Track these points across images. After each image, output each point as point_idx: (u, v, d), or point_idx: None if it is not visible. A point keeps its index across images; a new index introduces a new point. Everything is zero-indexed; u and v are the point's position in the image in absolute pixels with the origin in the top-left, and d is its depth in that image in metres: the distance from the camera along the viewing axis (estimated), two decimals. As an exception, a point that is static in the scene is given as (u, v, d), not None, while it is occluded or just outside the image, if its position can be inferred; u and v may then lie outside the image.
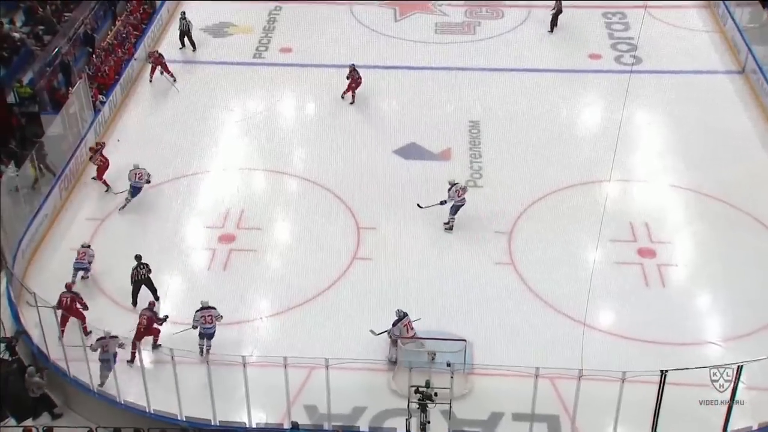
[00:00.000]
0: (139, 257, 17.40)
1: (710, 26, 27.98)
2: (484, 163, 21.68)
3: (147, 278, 17.29)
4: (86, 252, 18.03)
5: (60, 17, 25.85)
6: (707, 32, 27.68)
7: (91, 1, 26.30)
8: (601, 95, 24.80)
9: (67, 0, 26.67)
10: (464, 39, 27.64)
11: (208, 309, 16.22)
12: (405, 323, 16.12)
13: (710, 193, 20.47)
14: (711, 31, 27.73)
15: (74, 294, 16.79)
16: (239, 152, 22.66)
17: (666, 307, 17.47)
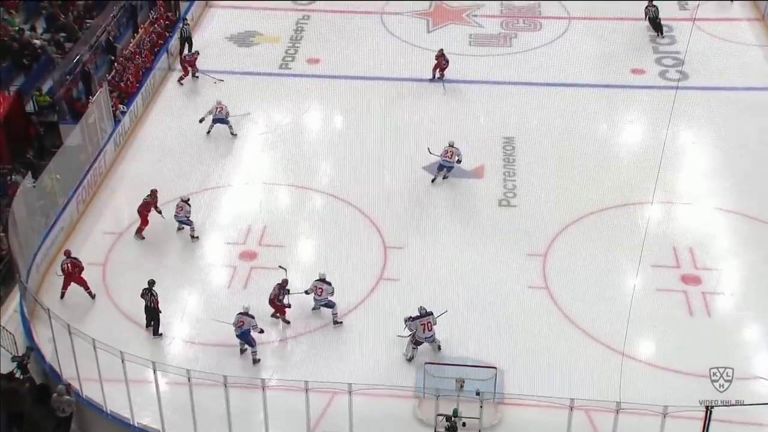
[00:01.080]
0: (150, 282, 17.41)
1: (763, 40, 27.79)
2: (518, 182, 21.65)
3: (151, 308, 17.30)
4: (183, 207, 19.61)
5: (82, 24, 26.31)
6: (760, 47, 27.48)
7: (114, 9, 26.72)
8: (643, 112, 24.69)
9: (89, 7, 27.12)
10: (500, 51, 27.71)
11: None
12: (424, 322, 16.27)
13: (759, 217, 20.25)
14: (764, 45, 27.52)
15: (74, 259, 17.99)
16: (263, 166, 22.85)
17: (711, 337, 17.26)
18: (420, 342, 16.50)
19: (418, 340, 16.49)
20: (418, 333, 16.39)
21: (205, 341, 17.34)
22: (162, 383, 15.16)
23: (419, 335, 16.42)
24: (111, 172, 22.29)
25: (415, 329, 16.40)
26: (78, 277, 18.09)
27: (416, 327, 16.39)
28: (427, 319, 16.42)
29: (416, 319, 16.44)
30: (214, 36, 28.68)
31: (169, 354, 16.94)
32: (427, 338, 16.48)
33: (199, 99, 25.52)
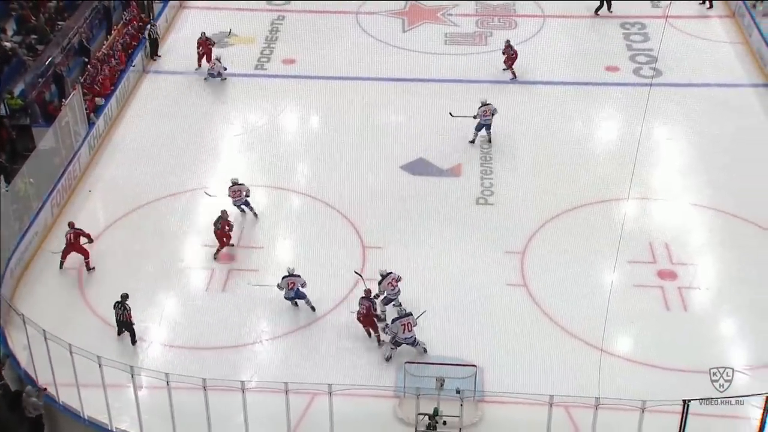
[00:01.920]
0: (123, 296, 17.01)
1: (734, 37, 28.08)
2: (495, 180, 21.74)
3: (125, 321, 16.98)
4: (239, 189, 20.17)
5: (53, 26, 26.08)
6: (731, 44, 27.77)
7: (86, 10, 26.51)
8: (618, 109, 24.88)
9: (61, 8, 26.89)
10: (476, 50, 27.80)
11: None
12: (404, 323, 16.30)
13: (733, 213, 20.46)
14: (735, 42, 27.82)
15: (78, 230, 18.70)
16: (239, 167, 22.73)
17: (688, 332, 17.43)
18: (400, 343, 16.52)
19: (398, 341, 16.51)
20: (398, 334, 16.41)
21: (183, 344, 17.27)
22: (140, 387, 15.06)
23: (399, 336, 16.44)
24: (86, 176, 22.12)
25: (396, 330, 16.41)
26: (80, 246, 18.76)
27: (397, 328, 16.41)
28: (407, 320, 16.44)
29: (396, 321, 16.47)
30: (188, 37, 28.49)
31: (147, 358, 16.85)
32: (407, 339, 16.49)
33: (173, 102, 25.38)
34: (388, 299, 17.55)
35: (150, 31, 27.12)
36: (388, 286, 17.47)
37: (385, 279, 17.52)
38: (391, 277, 17.51)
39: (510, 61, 25.88)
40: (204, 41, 26.58)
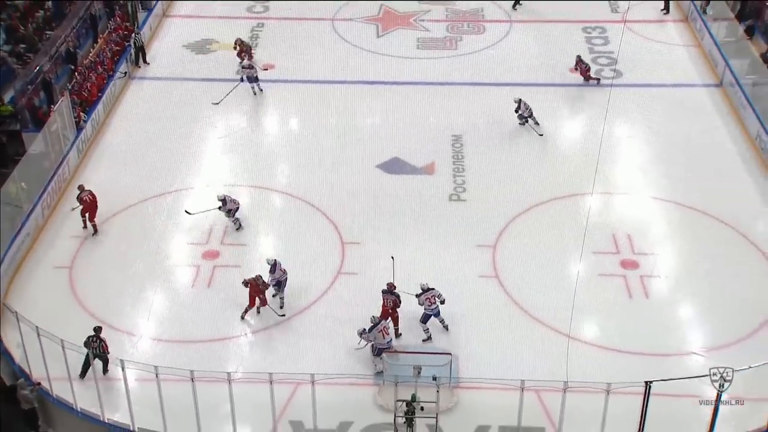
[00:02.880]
0: (97, 329, 15.91)
1: (688, 41, 28.29)
2: (467, 177, 21.77)
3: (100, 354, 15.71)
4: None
5: (41, 35, 25.76)
6: (685, 46, 27.99)
7: (73, 20, 26.21)
8: (582, 109, 25.00)
9: (49, 18, 26.57)
10: (446, 54, 27.80)
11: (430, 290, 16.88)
12: (380, 328, 16.16)
13: (691, 205, 20.64)
14: (689, 45, 28.04)
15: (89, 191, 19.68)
16: (223, 168, 22.64)
17: (649, 318, 17.56)
18: (382, 350, 16.22)
19: (379, 348, 16.20)
20: (377, 341, 16.17)
21: (171, 338, 17.14)
22: (131, 380, 14.92)
23: (379, 343, 16.17)
24: (75, 179, 21.85)
25: (373, 338, 16.21)
26: (93, 207, 19.65)
27: (374, 336, 16.18)
28: (383, 325, 16.29)
29: (372, 329, 16.20)
30: (171, 44, 28.32)
31: (137, 352, 16.69)
32: (388, 343, 16.29)
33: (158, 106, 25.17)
34: (426, 315, 16.91)
35: (135, 39, 26.87)
36: (426, 301, 16.70)
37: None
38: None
39: (586, 74, 25.65)
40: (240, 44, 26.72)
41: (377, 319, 16.38)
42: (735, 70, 24.96)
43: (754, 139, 22.93)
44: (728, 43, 26.30)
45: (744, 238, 19.58)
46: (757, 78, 24.03)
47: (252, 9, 30.69)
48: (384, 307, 16.79)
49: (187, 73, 26.81)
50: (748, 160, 22.37)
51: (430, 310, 16.86)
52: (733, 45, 25.98)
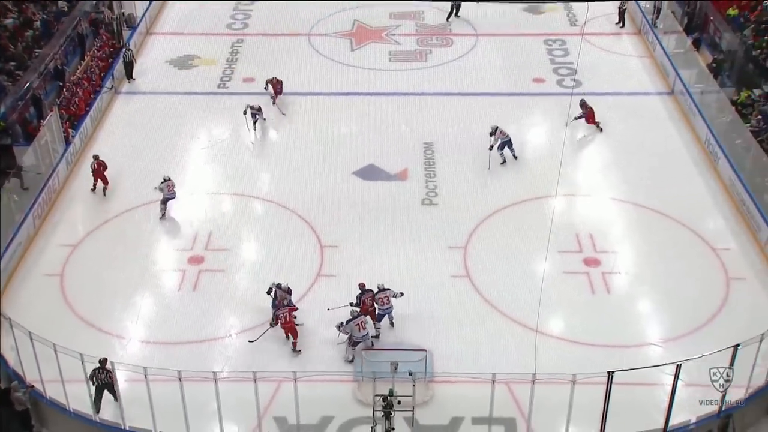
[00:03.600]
0: (102, 361, 15.00)
1: (642, 52, 28.57)
2: (438, 182, 21.78)
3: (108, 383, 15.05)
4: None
5: (31, 54, 25.43)
6: (639, 57, 28.26)
7: (60, 38, 25.94)
8: (545, 116, 25.12)
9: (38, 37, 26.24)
10: (417, 66, 27.84)
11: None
12: (358, 322, 16.16)
13: (648, 205, 20.82)
14: (642, 56, 28.31)
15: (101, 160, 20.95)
16: (206, 177, 22.48)
17: (611, 312, 17.67)
18: (357, 342, 16.29)
19: (355, 340, 16.28)
20: (354, 334, 16.20)
21: (159, 341, 16.98)
22: (121, 381, 14.77)
23: (355, 336, 16.22)
24: (64, 189, 21.61)
25: (350, 331, 16.22)
26: (103, 174, 20.99)
27: (351, 329, 16.21)
28: (360, 319, 16.28)
29: (350, 322, 16.23)
30: (156, 60, 28.10)
31: (126, 354, 16.50)
32: (363, 337, 16.32)
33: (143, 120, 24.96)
34: (380, 315, 16.90)
35: (125, 54, 26.62)
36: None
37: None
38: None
39: (591, 117, 23.74)
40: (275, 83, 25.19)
41: (357, 312, 16.37)
42: (684, 79, 25.25)
43: (703, 143, 23.20)
44: (678, 54, 26.62)
45: (696, 235, 19.80)
46: (704, 87, 24.34)
47: (232, 26, 30.55)
48: (364, 305, 16.75)
49: (171, 87, 26.61)
50: (699, 163, 22.62)
51: (383, 309, 16.82)
52: (682, 56, 26.30)
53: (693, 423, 14.74)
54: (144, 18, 29.73)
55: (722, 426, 14.86)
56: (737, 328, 16.25)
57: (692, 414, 14.82)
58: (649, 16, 29.30)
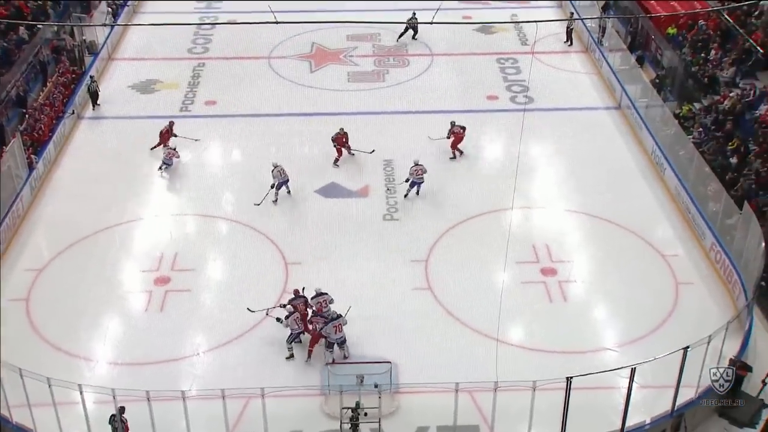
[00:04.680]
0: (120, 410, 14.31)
1: (589, 69, 29.12)
2: (399, 198, 21.88)
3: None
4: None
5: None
6: (587, 74, 28.81)
7: (22, 65, 25.56)
8: (500, 132, 25.41)
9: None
10: (375, 86, 27.99)
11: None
12: (335, 324, 16.21)
13: (600, 215, 21.15)
14: (590, 73, 28.87)
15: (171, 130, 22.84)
16: (171, 199, 22.27)
17: (568, 319, 17.87)
18: (332, 343, 16.35)
19: (330, 342, 16.33)
20: (330, 336, 16.24)
21: (127, 362, 16.72)
22: (89, 403, 14.46)
23: (331, 337, 16.27)
24: (29, 214, 21.23)
25: (329, 332, 16.24)
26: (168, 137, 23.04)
27: (329, 330, 16.24)
28: (338, 322, 16.31)
29: (329, 323, 16.31)
30: (118, 85, 27.81)
31: (94, 376, 16.21)
32: (338, 340, 16.33)
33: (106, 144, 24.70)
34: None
35: (90, 85, 26.23)
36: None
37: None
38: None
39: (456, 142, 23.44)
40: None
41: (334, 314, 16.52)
42: (630, 94, 25.78)
43: (650, 154, 23.69)
44: (623, 70, 27.18)
45: (646, 242, 20.16)
46: (648, 101, 24.88)
47: (193, 50, 30.42)
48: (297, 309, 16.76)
49: (134, 111, 26.36)
50: (647, 174, 23.09)
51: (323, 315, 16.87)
52: (628, 72, 26.87)
53: (648, 423, 14.96)
54: (106, 44, 29.45)
55: (675, 425, 15.14)
56: (687, 330, 16.56)
57: (647, 415, 15.04)
58: (595, 34, 29.93)
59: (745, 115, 22.83)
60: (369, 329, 17.38)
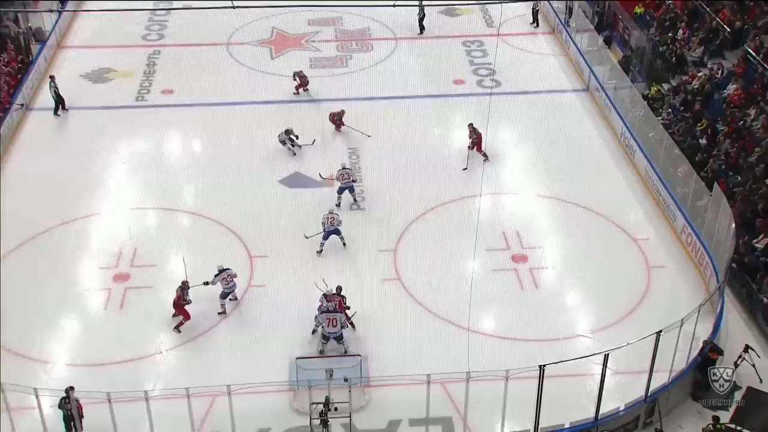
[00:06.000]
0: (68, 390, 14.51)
1: (557, 51, 29.31)
2: (365, 187, 21.83)
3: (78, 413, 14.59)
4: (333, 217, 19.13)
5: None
6: (555, 56, 28.99)
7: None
8: (467, 117, 25.34)
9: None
10: (338, 72, 27.86)
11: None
12: (330, 317, 16.28)
13: (570, 200, 21.34)
14: (558, 55, 29.06)
15: None
16: (128, 193, 21.94)
17: (540, 307, 18.02)
18: (327, 337, 16.35)
19: (325, 335, 16.35)
20: (324, 328, 16.24)
21: (86, 362, 16.47)
22: (46, 407, 14.26)
23: (325, 330, 16.26)
24: (-23, 211, 20.78)
25: (322, 322, 16.28)
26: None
27: (323, 320, 16.28)
28: (333, 316, 16.27)
29: (324, 313, 16.39)
30: (68, 75, 27.22)
31: (51, 379, 15.93)
32: (331, 333, 16.29)
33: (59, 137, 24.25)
34: (225, 293, 17.40)
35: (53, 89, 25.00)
36: (223, 281, 17.25)
37: (221, 273, 17.34)
38: (227, 273, 17.35)
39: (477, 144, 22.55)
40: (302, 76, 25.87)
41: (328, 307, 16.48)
42: (598, 76, 26.02)
43: (619, 136, 23.96)
44: (591, 51, 27.41)
45: (617, 226, 20.41)
46: (617, 83, 25.13)
47: (147, 37, 29.94)
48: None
49: (87, 102, 25.87)
50: (617, 156, 23.35)
51: (228, 288, 17.35)
52: (596, 53, 27.10)
53: (622, 410, 15.16)
54: (54, 31, 28.83)
55: (649, 410, 15.38)
56: (659, 315, 16.77)
57: (621, 401, 15.24)
58: (561, 15, 30.11)
59: (713, 95, 23.20)
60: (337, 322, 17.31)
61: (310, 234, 19.00)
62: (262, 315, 17.59)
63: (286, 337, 16.95)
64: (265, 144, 23.80)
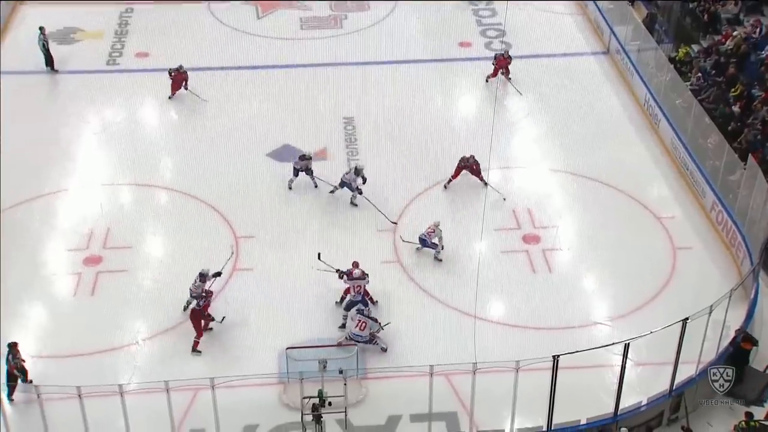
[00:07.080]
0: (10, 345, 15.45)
1: (574, 9, 29.17)
2: (362, 160, 21.75)
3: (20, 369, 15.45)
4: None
5: None
6: (571, 15, 28.84)
7: None
8: (474, 83, 25.37)
9: None
10: (332, 33, 27.72)
11: None
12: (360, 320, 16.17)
13: (587, 174, 21.32)
14: (575, 13, 28.91)
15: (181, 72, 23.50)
16: (100, 167, 21.87)
17: (554, 292, 18.05)
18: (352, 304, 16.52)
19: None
20: (351, 328, 16.20)
21: (54, 354, 16.48)
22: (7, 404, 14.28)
23: (351, 330, 16.20)
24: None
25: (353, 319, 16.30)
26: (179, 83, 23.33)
27: (354, 317, 16.27)
28: (364, 320, 16.20)
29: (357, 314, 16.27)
30: (29, 34, 26.89)
31: (16, 372, 15.98)
32: (356, 337, 16.14)
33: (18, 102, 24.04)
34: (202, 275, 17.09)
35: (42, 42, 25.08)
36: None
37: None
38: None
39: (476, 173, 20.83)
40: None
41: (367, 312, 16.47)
42: (620, 36, 25.89)
43: (642, 104, 23.89)
44: (612, 9, 27.25)
45: (639, 204, 20.41)
46: (640, 44, 24.99)
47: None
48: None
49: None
50: (639, 126, 23.31)
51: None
52: (617, 11, 26.94)
53: (644, 405, 15.21)
54: (10, -15, 28.59)
55: (674, 405, 15.43)
56: (686, 300, 16.81)
57: (643, 395, 15.30)
58: (579, -30, 29.89)
59: (750, 56, 23.05)
60: (331, 308, 17.38)
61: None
62: (250, 302, 17.58)
63: (275, 325, 16.97)
64: (250, 112, 23.71)
